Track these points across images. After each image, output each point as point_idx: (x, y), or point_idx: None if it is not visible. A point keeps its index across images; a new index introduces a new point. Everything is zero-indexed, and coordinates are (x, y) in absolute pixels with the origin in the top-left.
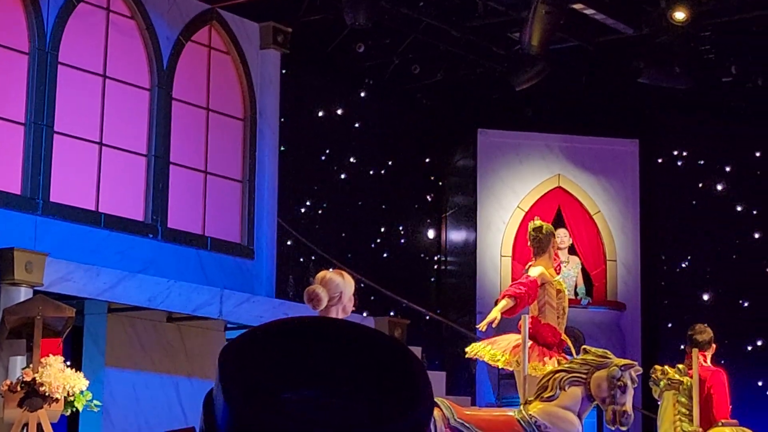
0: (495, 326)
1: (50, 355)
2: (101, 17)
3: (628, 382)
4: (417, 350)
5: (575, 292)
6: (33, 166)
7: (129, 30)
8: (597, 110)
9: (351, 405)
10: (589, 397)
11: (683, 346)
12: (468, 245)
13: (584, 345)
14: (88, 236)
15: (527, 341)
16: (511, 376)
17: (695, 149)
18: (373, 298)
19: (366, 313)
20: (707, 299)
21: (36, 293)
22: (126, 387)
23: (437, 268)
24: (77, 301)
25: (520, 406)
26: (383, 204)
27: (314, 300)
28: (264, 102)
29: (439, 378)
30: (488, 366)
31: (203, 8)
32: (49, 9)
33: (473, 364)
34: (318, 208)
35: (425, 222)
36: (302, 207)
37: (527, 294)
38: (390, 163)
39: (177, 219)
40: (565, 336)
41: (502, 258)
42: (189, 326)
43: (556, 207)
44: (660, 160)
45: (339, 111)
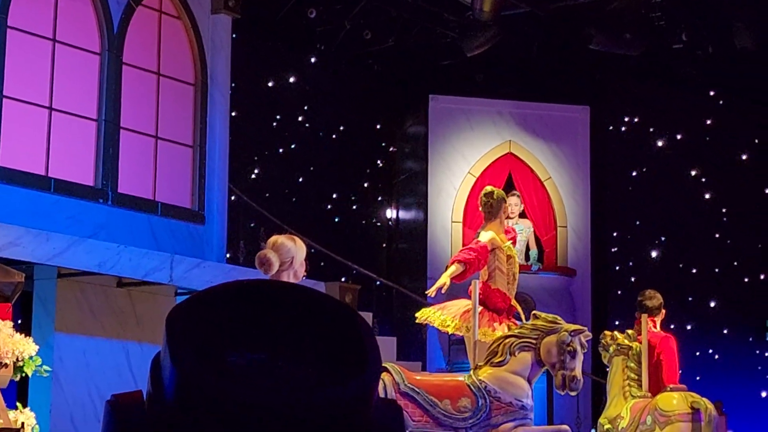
0: (444, 292)
1: None
2: None
3: (578, 348)
4: (368, 316)
5: (527, 256)
6: None
7: None
8: (548, 76)
9: (298, 369)
10: (539, 363)
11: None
12: (419, 211)
13: (534, 311)
14: (38, 201)
15: (477, 306)
16: (462, 342)
17: (646, 116)
18: (324, 264)
19: (317, 279)
20: (657, 264)
21: None
22: (76, 352)
23: (388, 234)
24: (26, 266)
25: (470, 372)
26: (334, 170)
27: (265, 265)
28: (215, 67)
29: (390, 343)
30: (439, 331)
31: None
32: None
33: (424, 330)
34: (269, 174)
35: (376, 188)
36: (253, 172)
37: (477, 259)
38: (341, 129)
39: (127, 184)
40: (515, 302)
41: (453, 224)
42: (139, 291)
43: (507, 173)
44: (611, 127)
45: (290, 76)
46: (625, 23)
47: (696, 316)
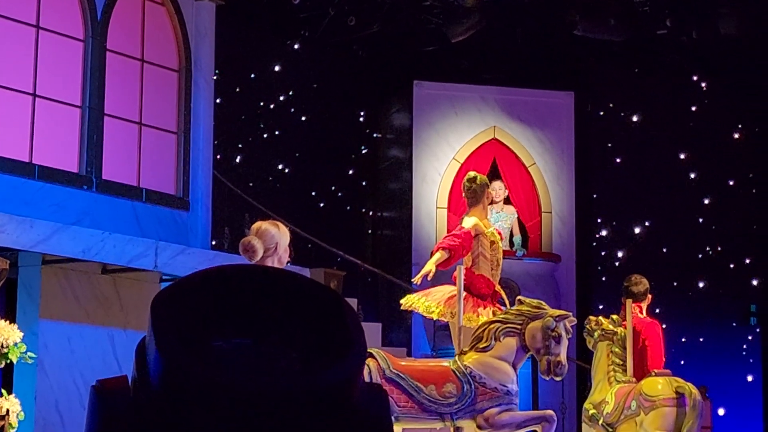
0: (430, 279)
1: None
2: None
3: (563, 333)
4: (353, 302)
5: (510, 243)
6: None
7: None
8: (533, 62)
9: (283, 353)
10: (524, 348)
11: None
12: (404, 197)
13: (519, 296)
14: (22, 188)
15: (462, 292)
16: (447, 328)
17: (630, 101)
18: (309, 249)
19: (302, 265)
20: (642, 249)
21: None
22: (60, 339)
23: (373, 220)
24: (11, 253)
25: (456, 357)
26: (319, 156)
27: (249, 251)
28: (199, 53)
29: (375, 329)
30: (424, 317)
31: None
32: None
33: (409, 316)
34: (254, 160)
35: (361, 174)
36: (238, 159)
37: (462, 246)
38: (325, 116)
39: (112, 170)
40: (499, 287)
41: (438, 210)
42: (124, 278)
43: (492, 159)
44: (595, 113)
45: (274, 63)
46: (610, 9)
47: (681, 301)
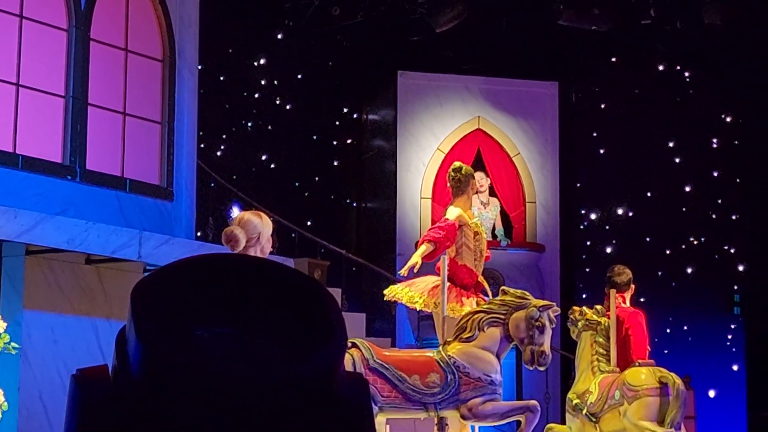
0: (416, 271)
1: None
2: None
3: (546, 323)
4: (337, 292)
5: (493, 234)
6: None
7: None
8: (517, 52)
9: (264, 342)
10: (508, 338)
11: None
12: (388, 187)
13: (503, 286)
14: (6, 178)
15: (446, 282)
16: (431, 318)
17: (614, 91)
18: (293, 239)
19: (286, 255)
20: (626, 239)
21: None
22: (44, 329)
23: (357, 211)
24: None
25: (439, 347)
26: (303, 146)
27: (232, 241)
28: (183, 43)
29: (360, 319)
30: (408, 308)
31: None
32: None
33: (393, 306)
34: (237, 150)
35: (345, 164)
36: (221, 148)
37: (446, 237)
38: (310, 106)
39: (96, 161)
40: (482, 278)
41: (422, 200)
42: (108, 268)
43: (476, 149)
44: (579, 103)
45: (258, 53)
46: None
47: (665, 291)
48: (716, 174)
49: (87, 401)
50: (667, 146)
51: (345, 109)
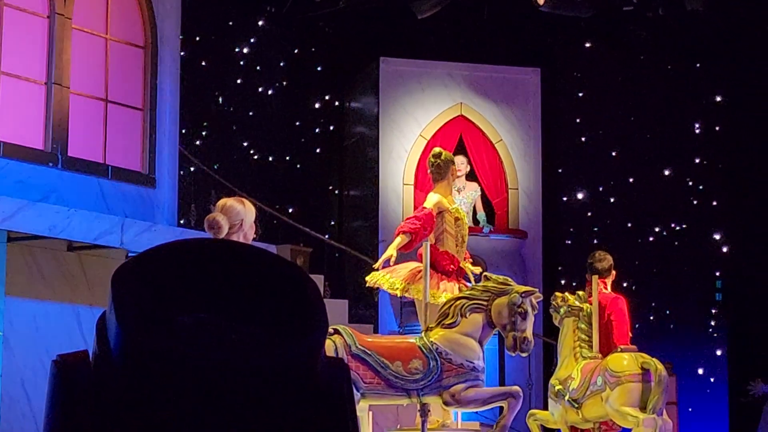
0: (392, 264)
1: None
2: None
3: (529, 309)
4: (319, 278)
5: (475, 220)
6: None
7: None
8: (499, 39)
9: (245, 328)
10: (490, 324)
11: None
12: (370, 174)
13: (485, 272)
14: None
15: (428, 268)
16: (414, 304)
17: (596, 78)
18: (276, 225)
19: (268, 242)
20: (608, 226)
21: None
22: (26, 316)
23: (339, 197)
24: None
25: (422, 333)
26: (284, 133)
27: (215, 227)
28: (164, 29)
29: (342, 306)
30: (390, 294)
31: None
32: None
33: (376, 292)
34: (219, 137)
35: (328, 151)
36: (203, 135)
37: (423, 227)
38: (292, 92)
39: (77, 147)
40: (464, 264)
41: (405, 186)
42: (90, 255)
43: (458, 136)
44: (561, 89)
45: (240, 39)
46: None
47: (647, 276)
48: (698, 160)
49: (67, 387)
50: (650, 132)
51: (327, 96)
